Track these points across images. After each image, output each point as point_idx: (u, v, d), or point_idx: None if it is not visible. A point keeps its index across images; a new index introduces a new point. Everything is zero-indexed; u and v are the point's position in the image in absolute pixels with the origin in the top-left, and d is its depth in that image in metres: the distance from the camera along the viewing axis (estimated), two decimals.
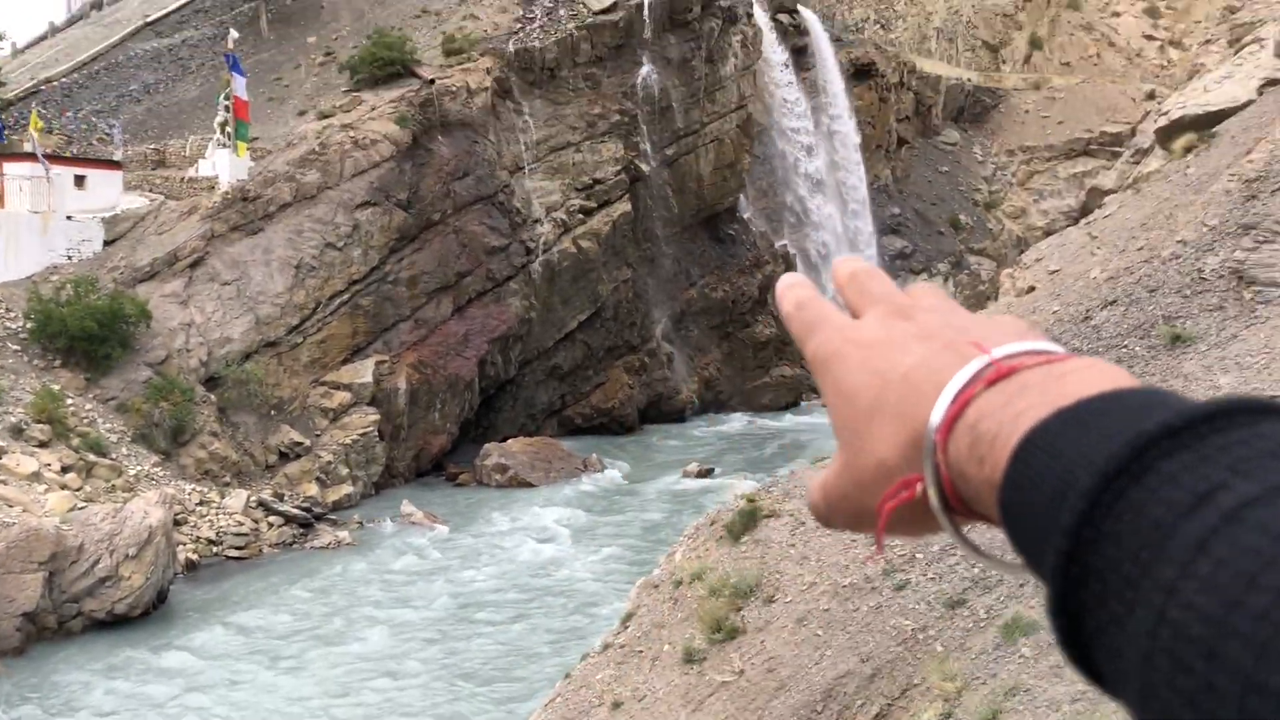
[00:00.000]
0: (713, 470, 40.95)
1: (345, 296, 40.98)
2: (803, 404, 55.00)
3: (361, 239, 41.63)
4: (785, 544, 18.82)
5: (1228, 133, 28.13)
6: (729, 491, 27.81)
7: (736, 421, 51.66)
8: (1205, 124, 29.90)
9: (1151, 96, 74.98)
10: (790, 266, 61.09)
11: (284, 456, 37.36)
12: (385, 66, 46.31)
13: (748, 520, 19.69)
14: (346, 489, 37.60)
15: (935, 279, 71.36)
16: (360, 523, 35.43)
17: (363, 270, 41.52)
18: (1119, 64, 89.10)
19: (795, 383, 55.51)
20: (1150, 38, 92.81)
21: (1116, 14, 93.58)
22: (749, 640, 16.83)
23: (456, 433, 43.57)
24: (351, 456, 38.28)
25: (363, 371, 40.12)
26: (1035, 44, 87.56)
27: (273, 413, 37.97)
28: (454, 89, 45.77)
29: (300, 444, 37.59)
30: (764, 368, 54.75)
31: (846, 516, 0.92)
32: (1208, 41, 40.23)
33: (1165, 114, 33.43)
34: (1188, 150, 28.70)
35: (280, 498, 35.05)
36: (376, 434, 39.19)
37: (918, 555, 16.78)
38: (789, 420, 51.92)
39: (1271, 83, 29.17)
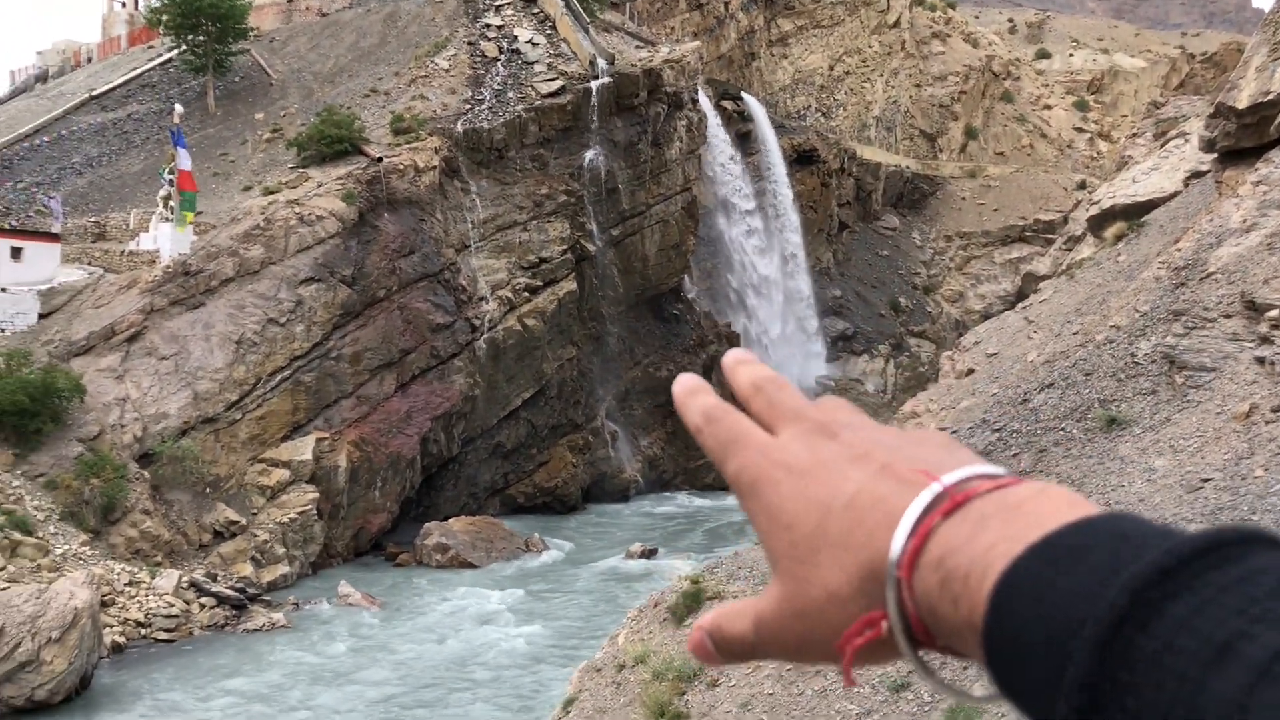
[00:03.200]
0: (656, 551, 40.65)
1: (287, 373, 40.48)
2: None
3: (304, 315, 41.28)
4: None
5: (1156, 222, 29.09)
6: (672, 573, 27.62)
7: (680, 501, 51.49)
8: (1135, 213, 30.93)
9: (1082, 186, 77.50)
10: (734, 345, 61.47)
11: (218, 535, 36.46)
12: (333, 144, 46.45)
13: (691, 602, 19.51)
14: (283, 569, 36.71)
15: (876, 360, 72.32)
16: (296, 604, 34.54)
17: (305, 346, 41.10)
18: (1051, 154, 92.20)
19: None
20: (1080, 130, 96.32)
21: (1048, 107, 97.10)
22: None
23: (397, 511, 42.90)
24: (288, 536, 37.45)
25: (302, 449, 39.47)
26: (971, 134, 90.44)
27: (208, 490, 37.13)
28: (401, 167, 45.98)
29: (236, 523, 36.73)
30: None
31: (785, 648, 0.89)
32: (1135, 135, 41.79)
33: (1096, 203, 34.55)
34: (1119, 238, 29.62)
35: (213, 578, 34.11)
36: (315, 512, 38.44)
37: None
38: (732, 500, 51.51)
39: (1196, 175, 30.32)
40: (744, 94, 71.41)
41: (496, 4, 58.39)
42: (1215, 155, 24.69)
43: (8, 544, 30.67)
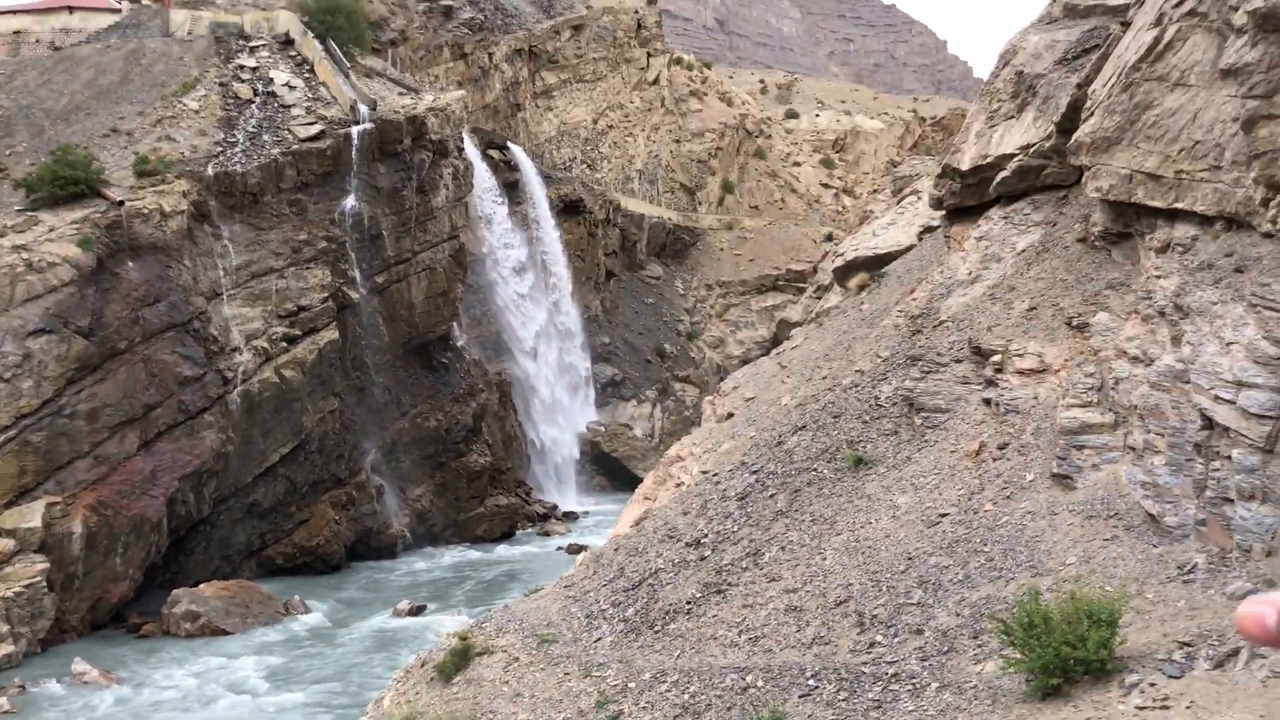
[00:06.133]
0: (424, 607, 39.62)
1: (13, 433, 37.13)
2: (518, 534, 54.60)
3: (33, 369, 38.09)
4: (499, 681, 18.34)
5: (894, 273, 31.15)
6: (441, 630, 26.93)
7: (450, 555, 50.51)
8: (875, 265, 33.02)
9: (830, 238, 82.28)
10: (505, 394, 61.30)
11: None
12: (67, 186, 43.29)
13: (460, 659, 19.09)
14: (7, 649, 33.41)
15: (644, 405, 73.69)
16: (22, 686, 31.48)
17: (34, 404, 37.87)
18: (801, 208, 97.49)
19: (510, 512, 55.12)
20: (827, 185, 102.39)
21: (797, 164, 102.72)
22: None
23: (141, 579, 39.96)
24: (14, 612, 34.15)
25: (30, 515, 36.20)
26: (727, 188, 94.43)
27: None
28: (146, 211, 43.39)
29: None
30: (478, 498, 54.10)
31: None
32: (875, 191, 44.77)
33: (841, 255, 36.68)
34: (861, 288, 31.50)
35: None
36: (45, 584, 35.23)
37: (629, 685, 16.80)
38: (503, 551, 51.32)
39: (929, 229, 32.70)
40: (510, 144, 71.80)
41: (251, 45, 56.38)
42: (944, 212, 26.72)
43: None
